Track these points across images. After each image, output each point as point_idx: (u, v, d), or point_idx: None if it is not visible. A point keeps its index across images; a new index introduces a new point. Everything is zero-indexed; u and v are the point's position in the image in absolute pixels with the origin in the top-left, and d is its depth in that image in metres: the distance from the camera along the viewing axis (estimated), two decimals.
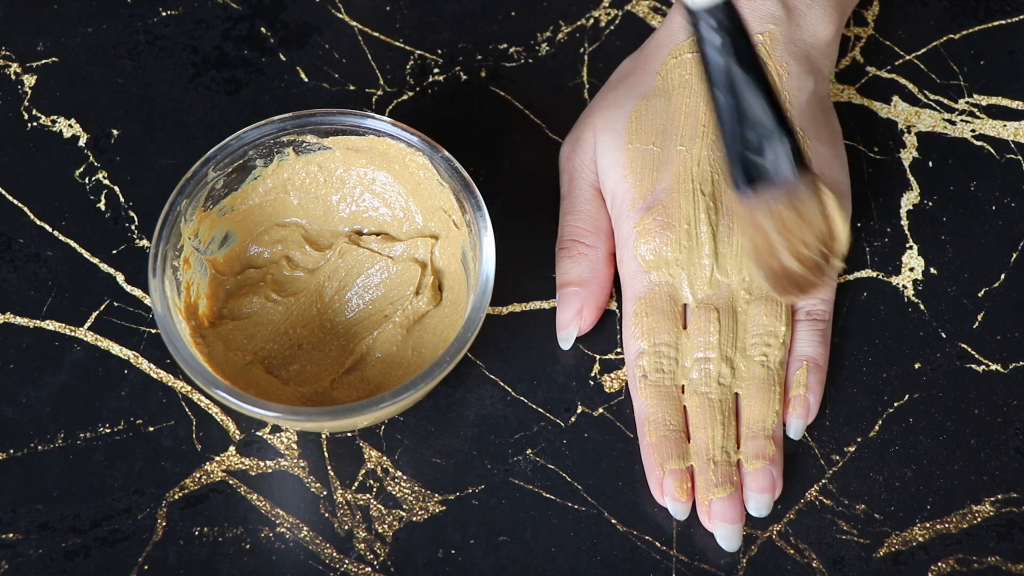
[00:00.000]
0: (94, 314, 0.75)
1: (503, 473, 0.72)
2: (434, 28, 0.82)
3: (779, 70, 0.75)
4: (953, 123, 0.80)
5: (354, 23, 0.83)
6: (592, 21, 0.83)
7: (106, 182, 0.78)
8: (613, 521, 0.72)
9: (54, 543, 0.70)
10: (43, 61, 0.81)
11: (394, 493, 0.72)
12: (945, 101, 0.81)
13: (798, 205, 0.64)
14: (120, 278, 0.76)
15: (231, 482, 0.72)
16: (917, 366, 0.75)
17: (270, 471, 0.72)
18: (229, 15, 0.83)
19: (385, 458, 0.73)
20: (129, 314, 0.75)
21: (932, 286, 0.77)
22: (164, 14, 0.82)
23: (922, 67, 0.82)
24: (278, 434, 0.73)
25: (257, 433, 0.73)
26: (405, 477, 0.72)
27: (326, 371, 0.73)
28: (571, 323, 0.74)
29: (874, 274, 0.77)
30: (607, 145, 0.76)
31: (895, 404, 0.74)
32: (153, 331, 0.75)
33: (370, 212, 0.76)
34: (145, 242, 0.77)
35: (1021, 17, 0.83)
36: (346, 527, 0.71)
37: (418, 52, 0.82)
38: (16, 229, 0.77)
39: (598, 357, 0.75)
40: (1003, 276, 0.77)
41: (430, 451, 0.73)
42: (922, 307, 0.76)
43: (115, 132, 0.80)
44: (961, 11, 0.83)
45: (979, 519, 0.72)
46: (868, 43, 0.82)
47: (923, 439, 0.73)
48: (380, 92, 0.81)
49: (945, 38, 0.82)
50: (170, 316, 0.69)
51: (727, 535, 0.71)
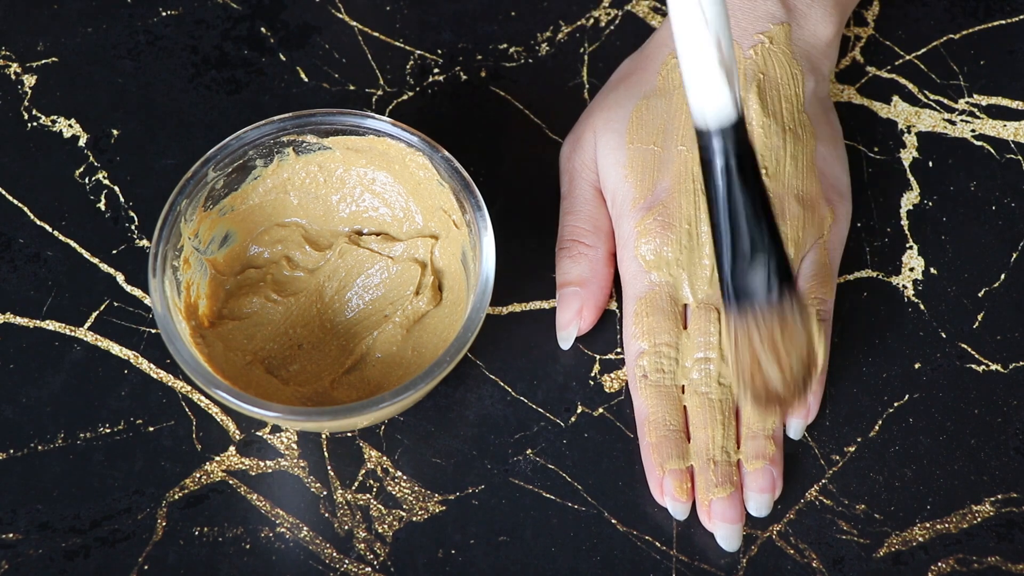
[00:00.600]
0: (94, 314, 0.75)
1: (503, 473, 0.72)
2: (434, 28, 0.82)
3: (793, 70, 0.75)
4: (953, 123, 0.80)
5: (354, 23, 0.83)
6: (592, 21, 0.83)
7: (106, 182, 0.78)
8: (613, 521, 0.72)
9: (54, 543, 0.70)
10: (43, 61, 0.81)
11: (394, 493, 0.72)
12: (945, 101, 0.81)
13: (783, 323, 0.66)
14: (120, 278, 0.76)
15: (231, 482, 0.72)
16: (917, 366, 0.75)
17: (270, 471, 0.72)
18: (229, 15, 0.83)
19: (385, 458, 0.73)
20: (129, 314, 0.75)
21: (932, 286, 0.77)
22: (164, 14, 0.82)
23: (922, 67, 0.82)
24: (278, 434, 0.73)
25: (257, 433, 0.73)
26: (405, 477, 0.72)
27: (326, 371, 0.73)
28: (571, 323, 0.74)
29: (874, 274, 0.77)
30: (608, 145, 0.76)
31: (895, 404, 0.74)
32: (153, 331, 0.75)
33: (370, 212, 0.76)
34: (145, 242, 0.77)
35: (1021, 17, 0.83)
36: (346, 527, 0.71)
37: (418, 52, 0.82)
38: (16, 229, 0.77)
39: (598, 357, 0.75)
40: (1003, 276, 0.77)
41: (430, 451, 0.73)
42: (922, 307, 0.76)
43: (115, 132, 0.80)
44: (961, 11, 0.83)
45: (979, 519, 0.72)
46: (868, 43, 0.82)
47: (923, 439, 0.73)
48: (380, 92, 0.81)
49: (945, 38, 0.82)
50: (170, 316, 0.69)
51: (727, 535, 0.71)
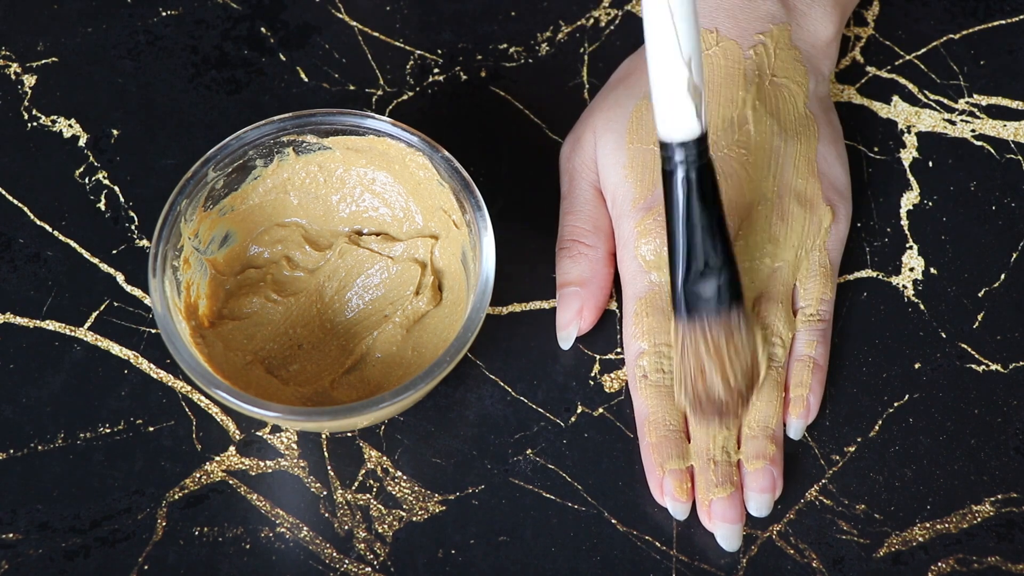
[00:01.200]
0: (94, 314, 0.75)
1: (503, 473, 0.72)
2: (434, 28, 0.82)
3: (793, 70, 0.75)
4: (953, 123, 0.80)
5: (354, 23, 0.83)
6: (592, 21, 0.83)
7: (106, 182, 0.78)
8: (613, 521, 0.72)
9: (54, 543, 0.70)
10: (43, 61, 0.81)
11: (394, 493, 0.72)
12: (945, 101, 0.81)
13: (730, 336, 0.69)
14: (120, 278, 0.76)
15: (231, 482, 0.72)
16: (917, 366, 0.75)
17: (270, 471, 0.72)
18: (229, 15, 0.83)
19: (385, 458, 0.73)
20: (129, 314, 0.75)
21: (932, 286, 0.77)
22: (164, 14, 0.82)
23: (922, 67, 0.82)
24: (278, 434, 0.73)
25: (257, 433, 0.73)
26: (405, 477, 0.72)
27: (326, 371, 0.73)
28: (571, 323, 0.74)
29: (874, 274, 0.77)
30: (608, 145, 0.76)
31: (895, 404, 0.74)
32: (153, 331, 0.75)
33: (370, 212, 0.76)
34: (145, 242, 0.77)
35: (1021, 17, 0.83)
36: (346, 527, 0.71)
37: (418, 52, 0.82)
38: (16, 229, 0.77)
39: (598, 357, 0.75)
40: (1003, 276, 0.77)
41: (430, 451, 0.73)
42: (922, 307, 0.76)
43: (115, 132, 0.80)
44: (961, 11, 0.83)
45: (979, 519, 0.72)
46: (868, 43, 0.82)
47: (923, 439, 0.73)
48: (380, 92, 0.81)
49: (945, 38, 0.82)
50: (170, 316, 0.69)
51: (727, 535, 0.71)
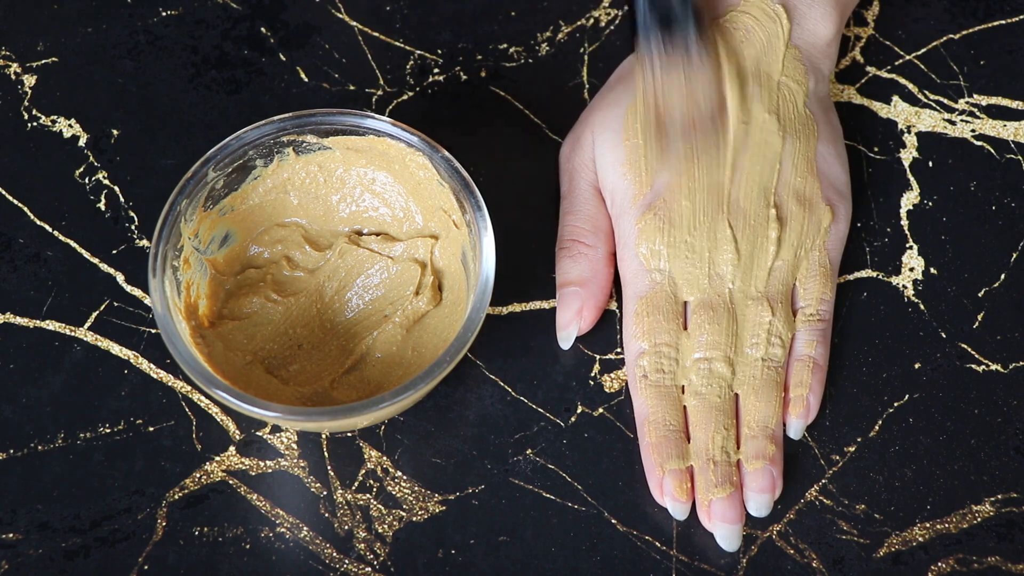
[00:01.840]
0: (94, 314, 0.75)
1: (503, 473, 0.72)
2: (434, 28, 0.82)
3: (793, 69, 0.76)
4: (953, 123, 0.80)
5: (354, 23, 0.83)
6: (592, 21, 0.83)
7: (106, 182, 0.78)
8: (613, 521, 0.72)
9: (54, 543, 0.70)
10: (43, 61, 0.81)
11: (394, 493, 0.72)
12: (945, 101, 0.81)
13: (696, 72, 0.70)
14: (120, 278, 0.76)
15: (231, 482, 0.72)
16: (917, 366, 0.75)
17: (270, 471, 0.72)
18: (229, 15, 0.83)
19: (385, 458, 0.73)
20: (129, 314, 0.75)
21: (932, 286, 0.77)
22: (164, 14, 0.82)
23: (922, 67, 0.82)
24: (278, 434, 0.73)
25: (257, 433, 0.73)
26: (405, 477, 0.72)
27: (326, 371, 0.73)
28: (571, 323, 0.74)
29: (874, 274, 0.77)
30: (606, 144, 0.76)
31: (895, 404, 0.74)
32: (153, 331, 0.75)
33: (370, 212, 0.76)
34: (145, 242, 0.77)
35: (1021, 17, 0.83)
36: (346, 527, 0.71)
37: (418, 52, 0.82)
38: (16, 229, 0.77)
39: (598, 357, 0.75)
40: (1003, 276, 0.77)
41: (430, 451, 0.73)
42: (922, 307, 0.76)
43: (115, 132, 0.80)
44: (961, 11, 0.83)
45: (979, 519, 0.72)
46: (868, 43, 0.82)
47: (923, 439, 0.73)
48: (380, 92, 0.81)
49: (945, 38, 0.82)
50: (170, 316, 0.69)
51: (727, 535, 0.71)
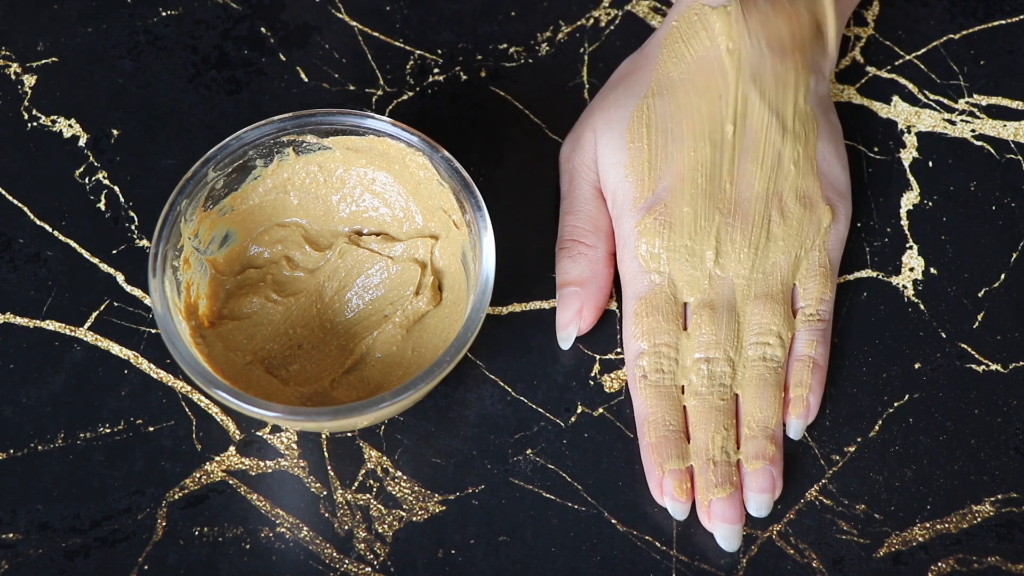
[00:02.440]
0: (94, 314, 0.75)
1: (503, 473, 0.72)
2: (434, 28, 0.82)
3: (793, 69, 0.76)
4: (953, 123, 0.80)
5: (354, 23, 0.83)
6: (592, 21, 0.83)
7: (106, 182, 0.78)
8: (613, 521, 0.72)
9: (54, 543, 0.70)
10: (43, 61, 0.81)
11: (394, 493, 0.72)
12: (945, 101, 0.81)
13: None
14: (120, 278, 0.76)
15: (231, 482, 0.72)
16: (917, 366, 0.75)
17: (270, 471, 0.72)
18: (229, 15, 0.83)
19: (385, 458, 0.73)
20: (129, 314, 0.75)
21: (932, 286, 0.77)
22: (164, 14, 0.82)
23: (922, 67, 0.82)
24: (278, 434, 0.73)
25: (257, 433, 0.73)
26: (405, 477, 0.72)
27: (326, 371, 0.73)
28: (571, 323, 0.74)
29: (874, 274, 0.77)
30: (608, 145, 0.76)
31: (895, 404, 0.74)
32: (153, 331, 0.75)
33: (370, 212, 0.76)
34: (145, 242, 0.77)
35: (1021, 17, 0.83)
36: (346, 527, 0.71)
37: (418, 52, 0.82)
38: (16, 229, 0.77)
39: (598, 357, 0.75)
40: (1003, 276, 0.77)
41: (430, 451, 0.73)
42: (922, 307, 0.76)
43: (115, 132, 0.80)
44: (961, 11, 0.83)
45: (979, 519, 0.72)
46: (868, 43, 0.82)
47: (923, 439, 0.73)
48: (380, 92, 0.81)
49: (945, 38, 0.82)
50: (170, 316, 0.69)
51: (727, 535, 0.71)
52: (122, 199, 0.78)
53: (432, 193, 0.74)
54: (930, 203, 0.79)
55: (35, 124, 0.80)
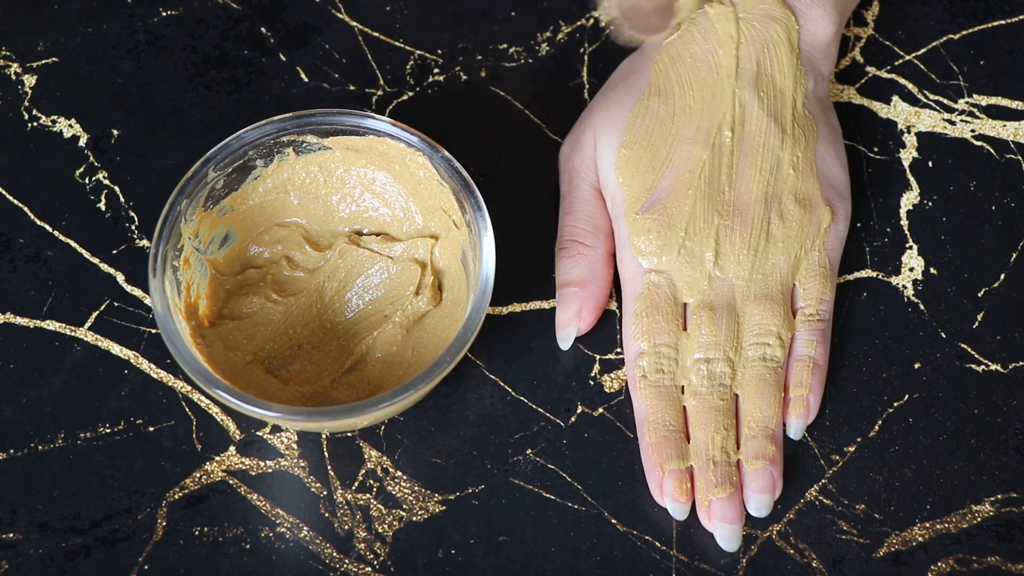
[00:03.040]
0: (94, 314, 0.75)
1: (503, 473, 0.72)
2: (434, 28, 0.82)
3: (793, 69, 0.76)
4: (953, 123, 0.80)
5: (354, 23, 0.83)
6: (592, 21, 0.83)
7: (106, 182, 0.78)
8: (613, 521, 0.72)
9: (54, 543, 0.70)
10: (43, 61, 0.81)
11: (394, 493, 0.72)
12: (945, 101, 0.81)
13: None
14: (120, 278, 0.76)
15: (231, 482, 0.72)
16: (917, 366, 0.75)
17: (270, 471, 0.72)
18: (229, 15, 0.83)
19: (385, 458, 0.73)
20: (129, 314, 0.75)
21: (932, 286, 0.77)
22: (164, 14, 0.82)
23: (922, 67, 0.82)
24: (278, 434, 0.73)
25: (257, 433, 0.73)
26: (405, 477, 0.72)
27: (326, 371, 0.73)
28: (570, 323, 0.74)
29: (874, 274, 0.77)
30: (608, 145, 0.76)
31: (895, 404, 0.74)
32: (153, 331, 0.75)
33: (370, 212, 0.76)
34: (145, 242, 0.77)
35: (1021, 17, 0.83)
36: (346, 527, 0.71)
37: (418, 52, 0.82)
38: (16, 229, 0.77)
39: (598, 357, 0.75)
40: (1003, 276, 0.77)
41: (430, 451, 0.73)
42: (922, 307, 0.76)
43: (115, 132, 0.80)
44: (961, 11, 0.83)
45: (979, 519, 0.72)
46: (868, 43, 0.82)
47: (923, 439, 0.73)
48: (380, 92, 0.81)
49: (945, 38, 0.82)
50: (170, 316, 0.69)
51: (727, 535, 0.71)
52: (122, 199, 0.78)
53: (432, 193, 0.74)
54: (930, 203, 0.79)
55: (35, 124, 0.80)
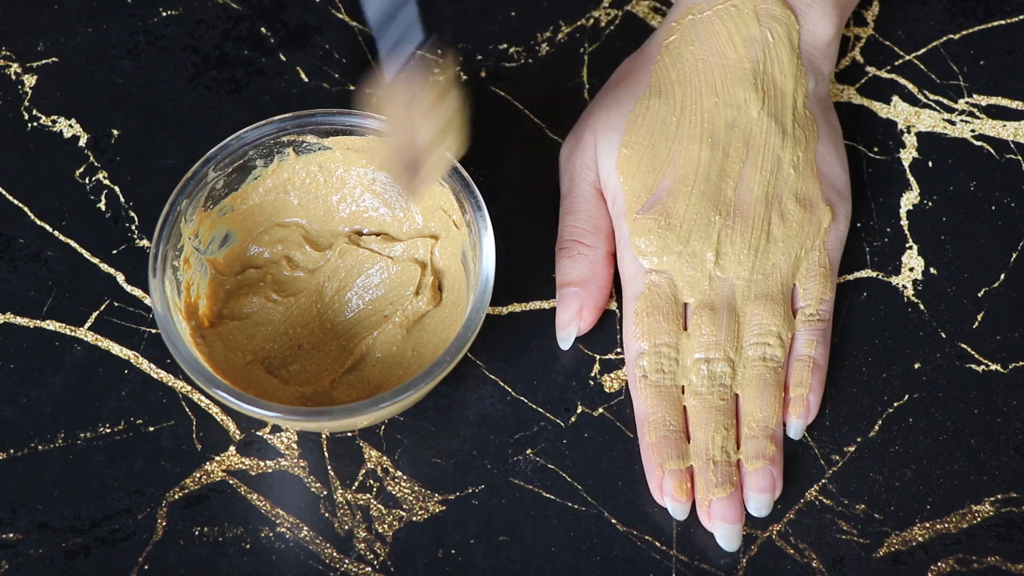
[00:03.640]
0: (94, 314, 0.75)
1: (503, 473, 0.72)
2: (434, 28, 0.82)
3: (793, 69, 0.75)
4: (953, 123, 0.80)
5: (354, 23, 0.83)
6: (592, 21, 0.83)
7: (106, 182, 0.78)
8: (613, 521, 0.72)
9: (54, 543, 0.70)
10: (43, 61, 0.81)
11: (394, 493, 0.72)
12: (945, 101, 0.81)
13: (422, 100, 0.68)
14: (120, 278, 0.76)
15: (231, 482, 0.72)
16: (917, 366, 0.75)
17: (270, 471, 0.72)
18: (229, 15, 0.83)
19: (385, 458, 0.73)
20: (129, 314, 0.75)
21: (932, 286, 0.77)
22: (164, 14, 0.82)
23: (922, 67, 0.82)
24: (278, 434, 0.73)
25: (257, 433, 0.73)
26: (405, 477, 0.72)
27: (326, 371, 0.73)
28: (570, 323, 0.74)
29: (874, 274, 0.77)
30: (608, 145, 0.76)
31: (895, 404, 0.74)
32: (153, 331, 0.75)
33: (370, 212, 0.76)
34: (145, 242, 0.77)
35: (1021, 17, 0.83)
36: (346, 527, 0.71)
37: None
38: (16, 229, 0.77)
39: (598, 357, 0.75)
40: (1003, 276, 0.77)
41: (430, 451, 0.73)
42: (922, 307, 0.76)
43: (115, 132, 0.80)
44: (961, 11, 0.83)
45: (979, 519, 0.72)
46: (868, 43, 0.82)
47: (923, 439, 0.73)
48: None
49: (945, 38, 0.82)
50: (170, 316, 0.69)
51: (727, 535, 0.71)
52: (122, 199, 0.78)
53: (432, 193, 0.74)
54: (930, 203, 0.79)
55: (35, 124, 0.80)
